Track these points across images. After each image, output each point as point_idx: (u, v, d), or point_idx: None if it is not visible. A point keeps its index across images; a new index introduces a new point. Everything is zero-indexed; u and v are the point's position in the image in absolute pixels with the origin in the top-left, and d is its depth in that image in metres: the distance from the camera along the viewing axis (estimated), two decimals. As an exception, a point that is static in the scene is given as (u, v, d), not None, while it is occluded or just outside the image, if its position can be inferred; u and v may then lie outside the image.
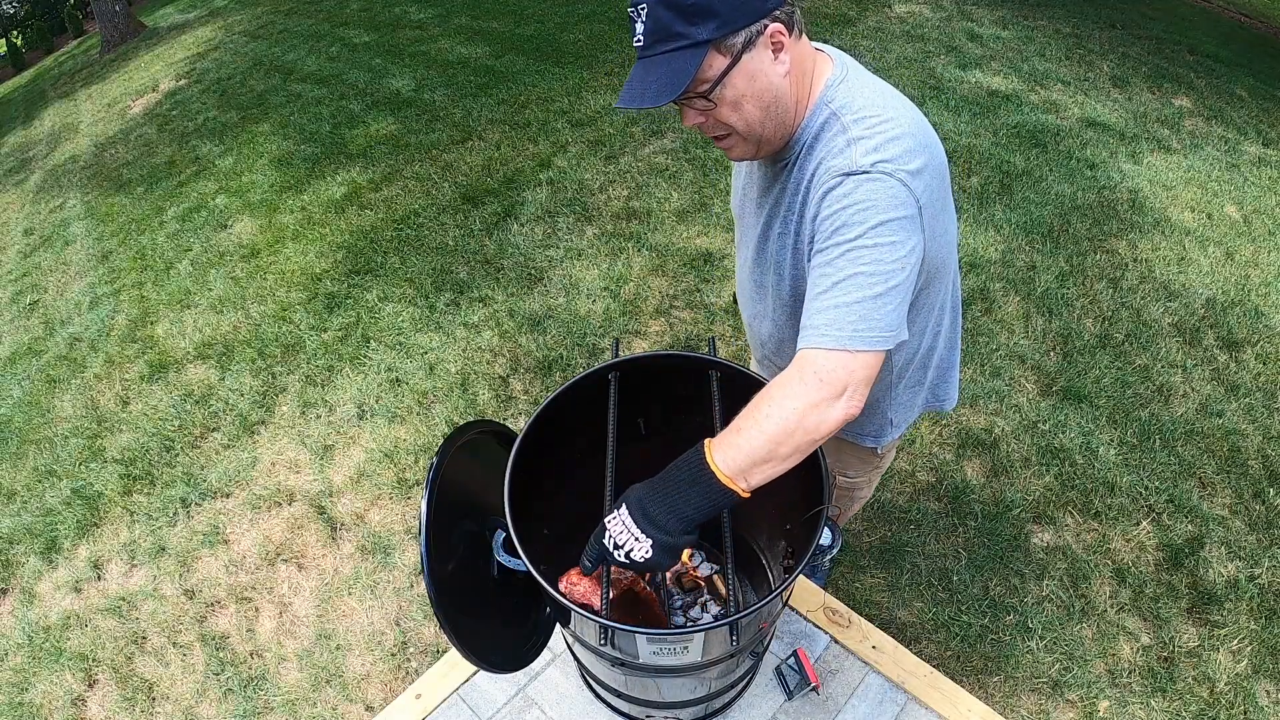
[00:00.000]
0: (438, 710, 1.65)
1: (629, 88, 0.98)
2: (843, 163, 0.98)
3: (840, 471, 1.61)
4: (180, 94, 6.92)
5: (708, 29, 0.93)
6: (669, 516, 0.96)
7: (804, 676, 1.60)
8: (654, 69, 0.96)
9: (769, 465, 0.93)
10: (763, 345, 1.39)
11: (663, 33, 0.94)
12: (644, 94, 0.96)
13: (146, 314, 3.85)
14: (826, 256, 0.97)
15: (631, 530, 0.98)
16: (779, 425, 0.92)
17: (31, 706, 2.30)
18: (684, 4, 0.92)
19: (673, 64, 0.95)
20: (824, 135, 1.03)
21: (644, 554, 0.97)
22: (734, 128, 1.03)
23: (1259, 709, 1.99)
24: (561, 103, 4.95)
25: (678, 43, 0.94)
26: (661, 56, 0.96)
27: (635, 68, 0.99)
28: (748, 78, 0.98)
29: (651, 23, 0.95)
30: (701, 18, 0.93)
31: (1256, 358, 2.97)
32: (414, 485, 2.66)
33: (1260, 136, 4.66)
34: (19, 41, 16.39)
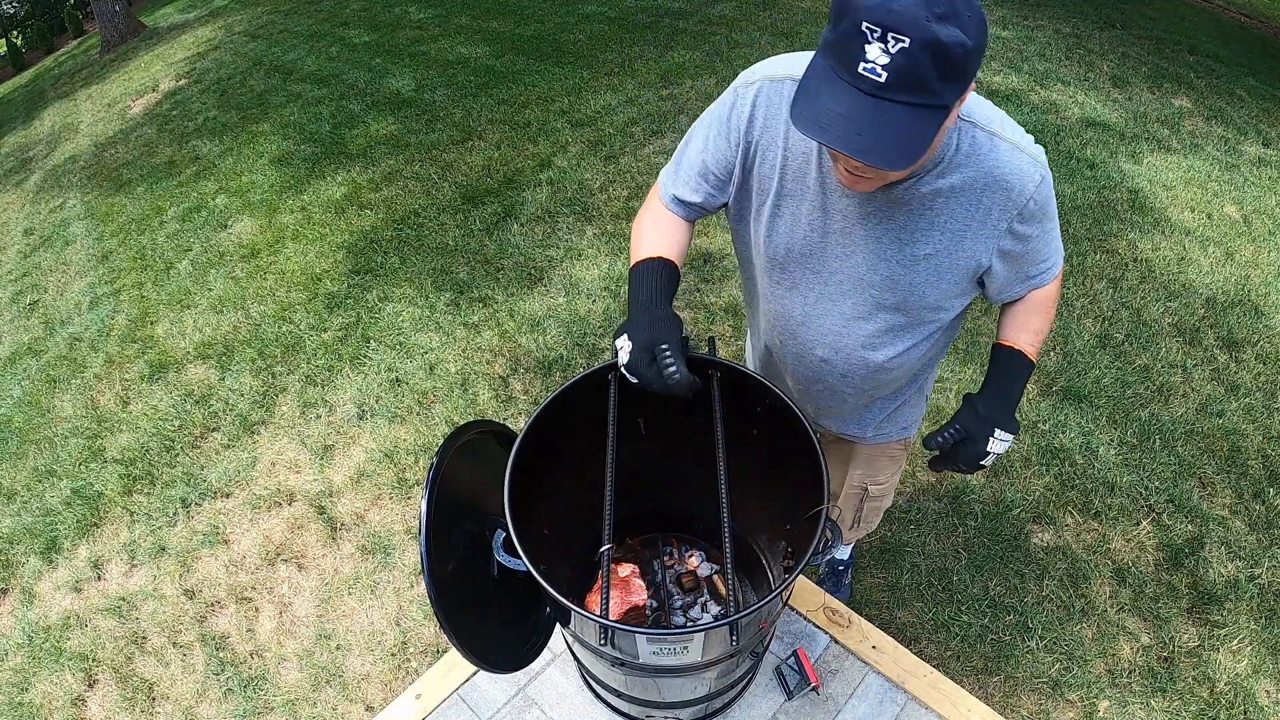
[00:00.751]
0: (438, 710, 1.65)
1: (848, 129, 0.83)
2: (1036, 169, 1.04)
3: (872, 480, 1.62)
4: (180, 94, 6.92)
5: (953, 92, 0.84)
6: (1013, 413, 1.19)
7: (804, 676, 1.60)
8: (889, 121, 0.83)
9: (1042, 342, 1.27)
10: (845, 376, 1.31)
11: (915, 82, 0.81)
12: (876, 151, 0.83)
13: (146, 314, 3.85)
14: (1044, 227, 1.11)
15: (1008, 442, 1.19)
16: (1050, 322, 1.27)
17: (31, 706, 2.30)
18: (953, 59, 0.80)
19: (913, 123, 0.83)
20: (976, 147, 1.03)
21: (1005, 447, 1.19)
22: (888, 176, 0.99)
23: (1259, 709, 1.99)
24: (561, 103, 4.95)
25: (925, 99, 0.82)
26: (901, 107, 0.82)
27: (853, 102, 0.83)
28: (941, 137, 0.94)
29: (907, 64, 0.80)
30: (956, 79, 0.82)
31: (1256, 358, 2.97)
32: (414, 485, 2.66)
33: (1260, 136, 4.66)
34: (19, 41, 16.39)
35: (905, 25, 0.78)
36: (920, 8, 0.78)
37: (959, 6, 0.79)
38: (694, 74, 5.08)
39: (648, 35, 5.85)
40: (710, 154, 1.18)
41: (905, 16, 0.77)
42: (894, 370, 1.29)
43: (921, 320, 1.20)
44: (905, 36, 0.78)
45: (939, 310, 1.19)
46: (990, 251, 1.10)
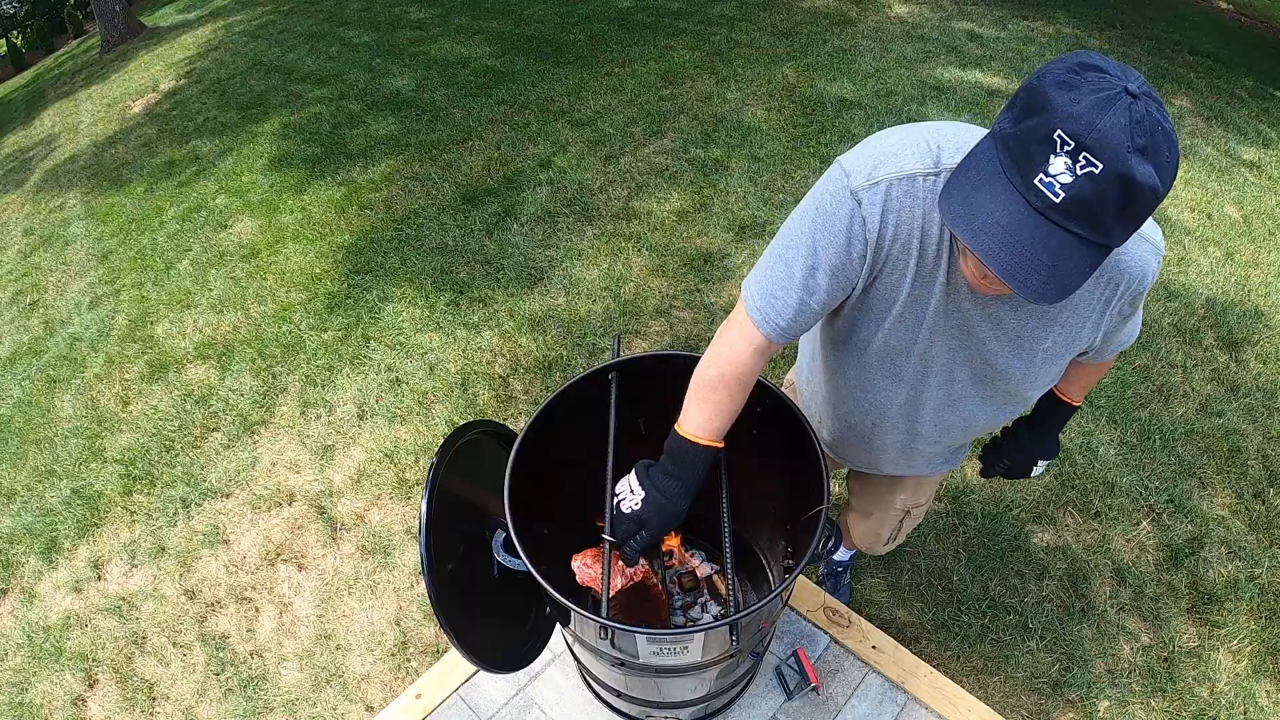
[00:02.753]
0: (438, 710, 1.65)
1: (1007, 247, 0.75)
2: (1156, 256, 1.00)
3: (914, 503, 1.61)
4: (180, 94, 6.92)
5: (1124, 236, 0.76)
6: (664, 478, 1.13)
7: (804, 676, 1.60)
8: (1052, 249, 0.74)
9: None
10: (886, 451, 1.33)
11: (1093, 216, 0.72)
12: (1031, 279, 0.75)
13: (146, 314, 3.85)
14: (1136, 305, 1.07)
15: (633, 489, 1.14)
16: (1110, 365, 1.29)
17: (31, 706, 2.30)
18: (1140, 201, 0.71)
19: (1075, 257, 0.74)
20: None
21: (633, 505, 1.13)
22: None
23: (1259, 709, 1.99)
24: (561, 103, 4.95)
25: (1096, 236, 0.74)
26: (1066, 235, 0.74)
27: (1021, 216, 0.74)
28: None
29: (1091, 192, 0.71)
30: (1133, 222, 0.74)
31: (1256, 358, 2.97)
32: (414, 485, 2.66)
33: (1260, 137, 4.66)
34: (19, 41, 16.38)
35: (1104, 149, 0.68)
36: (1123, 134, 0.68)
37: (1160, 143, 0.70)
38: (694, 74, 5.08)
39: (648, 35, 5.85)
40: (824, 271, 0.99)
41: (1107, 139, 0.68)
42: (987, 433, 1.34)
43: (1029, 399, 1.21)
44: (1099, 162, 0.69)
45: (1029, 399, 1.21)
46: (1099, 334, 1.08)
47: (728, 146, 4.20)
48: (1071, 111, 0.69)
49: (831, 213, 0.95)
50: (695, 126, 4.44)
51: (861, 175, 0.93)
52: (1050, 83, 0.72)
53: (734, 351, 1.06)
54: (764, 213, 3.64)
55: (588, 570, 1.22)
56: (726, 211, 3.72)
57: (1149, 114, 0.69)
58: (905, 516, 1.64)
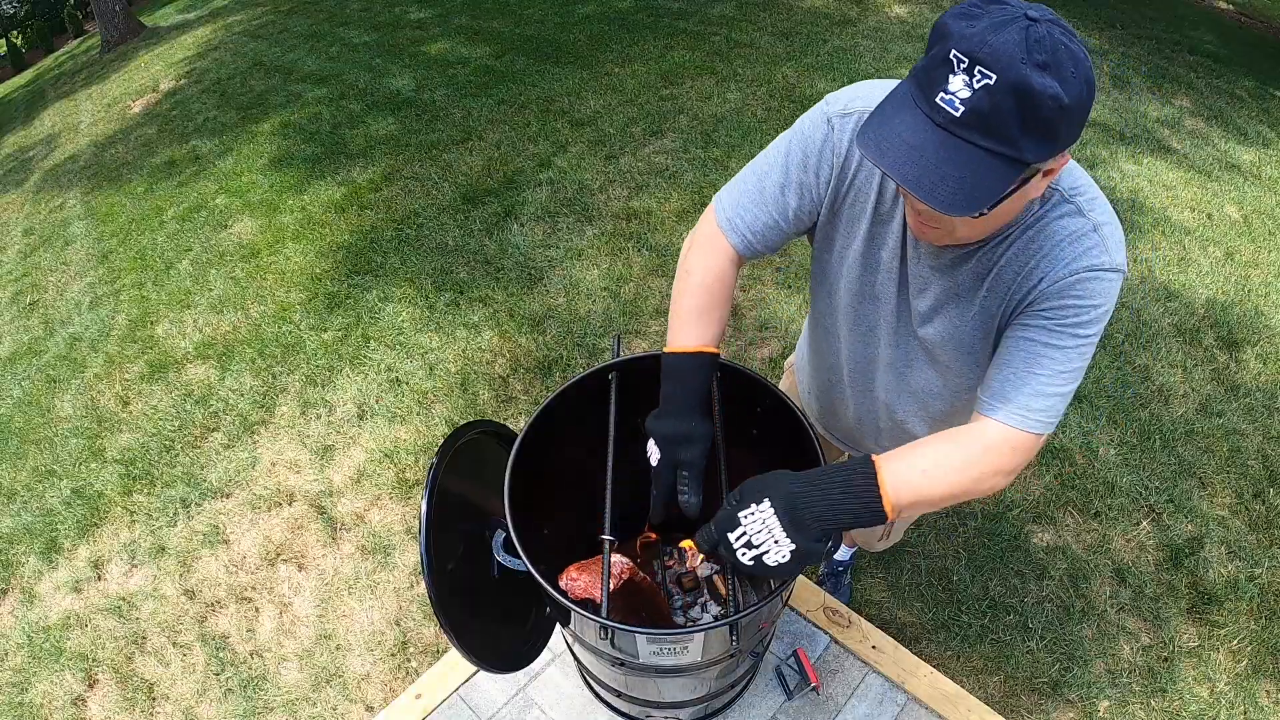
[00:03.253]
0: (438, 710, 1.65)
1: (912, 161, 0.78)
2: (1100, 256, 0.91)
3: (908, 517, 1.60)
4: (180, 94, 6.92)
5: (1038, 151, 0.77)
6: (815, 522, 0.91)
7: (804, 676, 1.60)
8: (956, 161, 0.77)
9: (928, 507, 0.96)
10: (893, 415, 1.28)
11: (994, 126, 0.75)
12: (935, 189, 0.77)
13: (146, 314, 3.85)
14: (1059, 341, 0.92)
15: (773, 531, 0.91)
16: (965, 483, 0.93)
17: (31, 706, 2.30)
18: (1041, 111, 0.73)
19: (982, 169, 0.76)
20: (1054, 215, 0.93)
21: (779, 559, 0.91)
22: (956, 230, 0.92)
23: (1259, 709, 1.99)
24: (561, 103, 4.95)
25: (998, 145, 0.75)
26: (971, 149, 0.76)
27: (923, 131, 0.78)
28: (1018, 200, 0.86)
29: (988, 103, 0.73)
30: (1042, 135, 0.75)
31: (1256, 358, 2.97)
32: (414, 485, 2.66)
33: (1260, 137, 4.66)
34: (19, 41, 16.39)
35: (997, 62, 0.72)
36: (1019, 49, 0.71)
37: (1063, 59, 0.72)
38: (694, 74, 5.08)
39: (648, 35, 5.85)
40: (793, 189, 1.05)
41: (1000, 53, 0.71)
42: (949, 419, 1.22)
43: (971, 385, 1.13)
44: (993, 74, 0.72)
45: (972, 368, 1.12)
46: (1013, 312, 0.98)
47: (728, 146, 4.20)
48: (967, 33, 0.73)
49: (807, 135, 1.03)
50: (695, 126, 4.45)
51: (839, 105, 1.01)
52: (952, 14, 0.77)
53: (709, 260, 1.09)
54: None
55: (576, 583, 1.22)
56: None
57: (1050, 35, 0.72)
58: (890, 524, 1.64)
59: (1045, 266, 0.94)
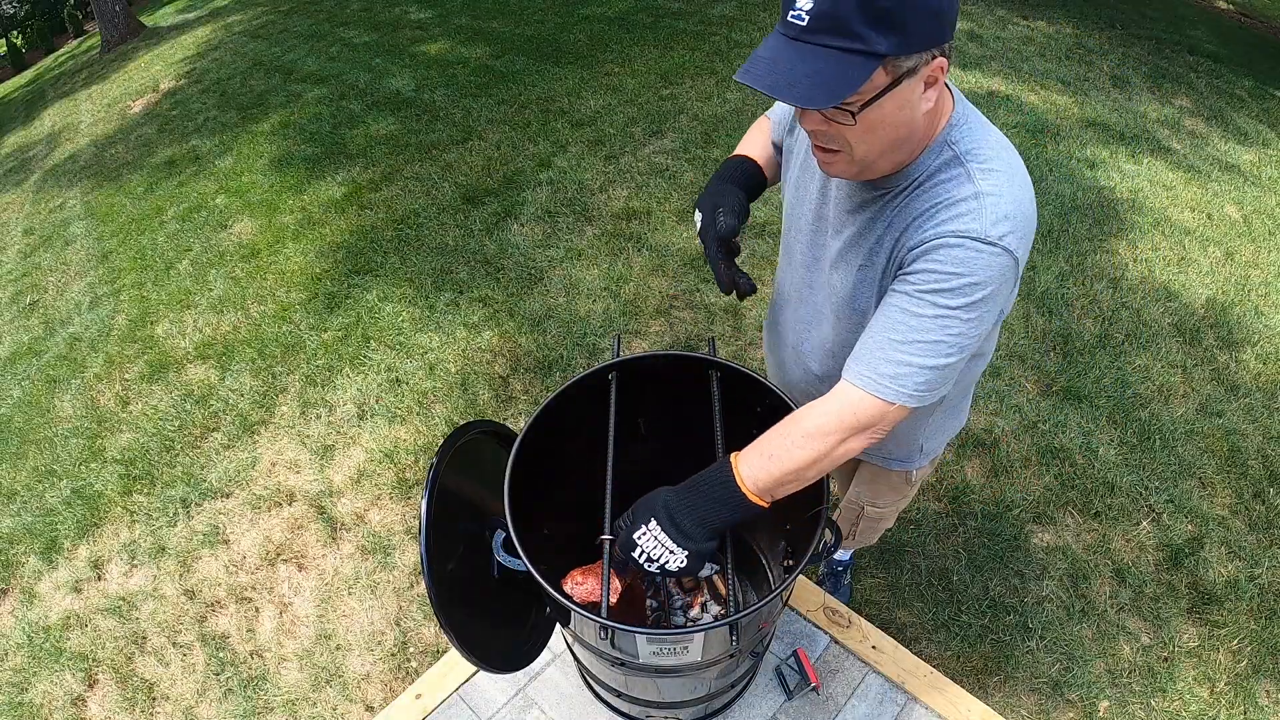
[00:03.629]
0: (438, 710, 1.65)
1: (770, 70, 0.85)
2: (972, 222, 0.91)
3: (870, 501, 1.60)
4: (180, 94, 6.92)
5: (887, 43, 0.81)
6: (698, 527, 1.03)
7: (804, 676, 1.60)
8: (810, 59, 0.83)
9: (794, 485, 1.01)
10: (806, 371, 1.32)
11: (839, 25, 0.81)
12: (793, 87, 0.83)
13: (146, 314, 3.85)
14: (917, 308, 0.93)
15: (665, 544, 1.04)
16: (811, 456, 0.98)
17: (31, 706, 2.30)
18: (878, 2, 0.79)
19: (838, 64, 0.82)
20: (943, 176, 0.96)
21: (679, 564, 1.05)
22: (854, 148, 0.93)
23: (1259, 709, 1.99)
24: (561, 103, 4.95)
25: (848, 42, 0.81)
26: (824, 51, 0.82)
27: (780, 45, 0.86)
28: (896, 106, 0.88)
29: (828, 6, 0.80)
30: (886, 27, 0.80)
31: (1256, 358, 2.97)
32: (414, 485, 2.66)
33: (1260, 137, 4.66)
34: (19, 41, 16.38)
35: None
36: None
37: None
38: (694, 74, 5.08)
39: (648, 35, 5.85)
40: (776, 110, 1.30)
41: None
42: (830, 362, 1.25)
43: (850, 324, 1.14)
44: None
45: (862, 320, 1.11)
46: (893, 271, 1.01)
47: (728, 147, 4.19)
48: None
49: None
50: (695, 126, 4.45)
51: None
52: None
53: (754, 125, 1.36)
54: (763, 212, 3.64)
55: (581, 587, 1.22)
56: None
57: None
58: (861, 514, 1.63)
59: (916, 228, 0.96)
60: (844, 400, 0.97)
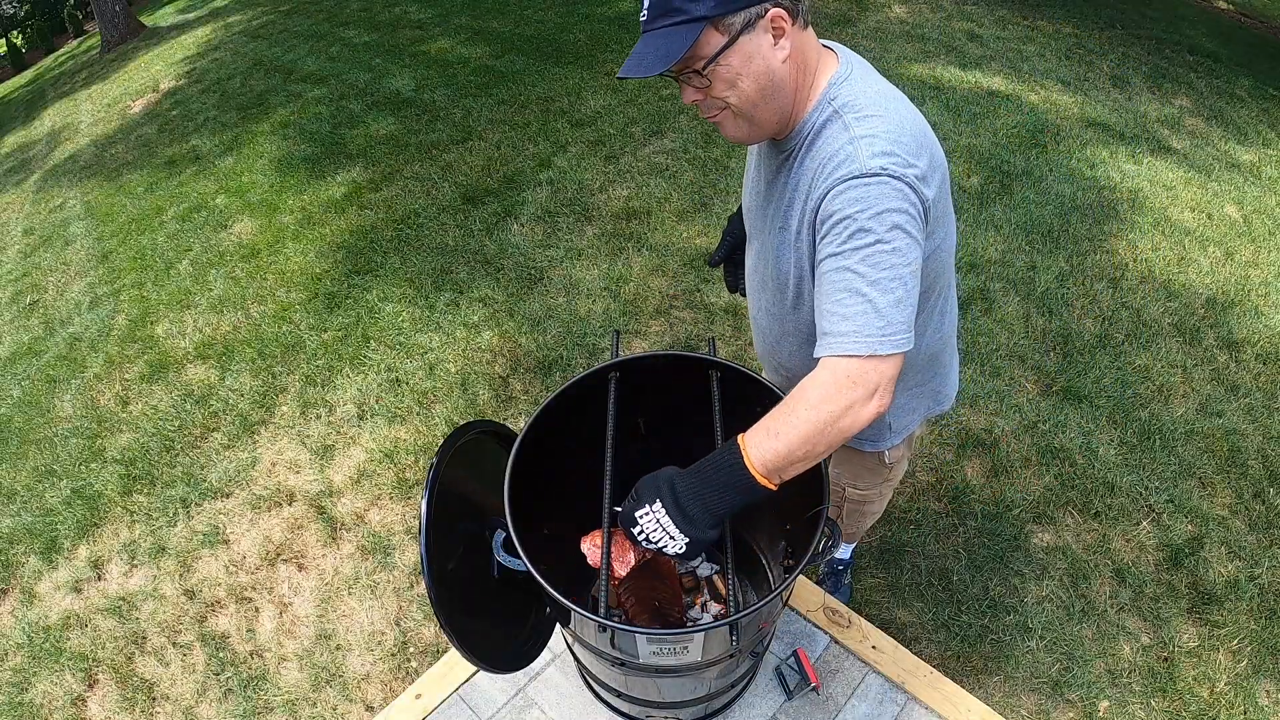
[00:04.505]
0: (438, 710, 1.65)
1: (631, 59, 1.01)
2: (850, 165, 0.97)
3: (850, 484, 1.60)
4: (180, 94, 6.92)
5: (705, 6, 0.95)
6: (703, 513, 1.01)
7: (804, 676, 1.60)
8: (653, 42, 0.99)
9: (802, 463, 0.99)
10: (764, 336, 1.40)
11: (664, 7, 0.97)
12: (640, 64, 0.99)
13: (146, 314, 3.85)
14: (844, 261, 0.96)
15: (666, 528, 1.02)
16: (814, 427, 0.95)
17: (31, 706, 2.30)
18: None
19: (670, 38, 0.97)
20: (826, 133, 1.03)
21: (676, 550, 1.03)
22: (728, 102, 1.03)
23: (1259, 709, 1.99)
24: (561, 103, 4.95)
25: (676, 18, 0.96)
26: (661, 30, 0.98)
27: (639, 41, 1.02)
28: (744, 57, 0.98)
29: None
30: None
31: (1256, 358, 2.97)
32: (414, 485, 2.66)
33: (1260, 137, 4.66)
34: (19, 41, 16.39)
35: None
36: None
37: None
38: (694, 74, 5.08)
39: (648, 35, 5.85)
40: None
41: None
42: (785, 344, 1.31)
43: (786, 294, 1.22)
44: None
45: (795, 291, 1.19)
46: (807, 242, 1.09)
47: (728, 146, 4.20)
48: None
49: None
50: (695, 126, 4.45)
51: None
52: None
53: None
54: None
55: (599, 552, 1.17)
56: (726, 211, 3.72)
57: None
58: (844, 498, 1.63)
59: (812, 190, 1.04)
60: (833, 369, 0.97)
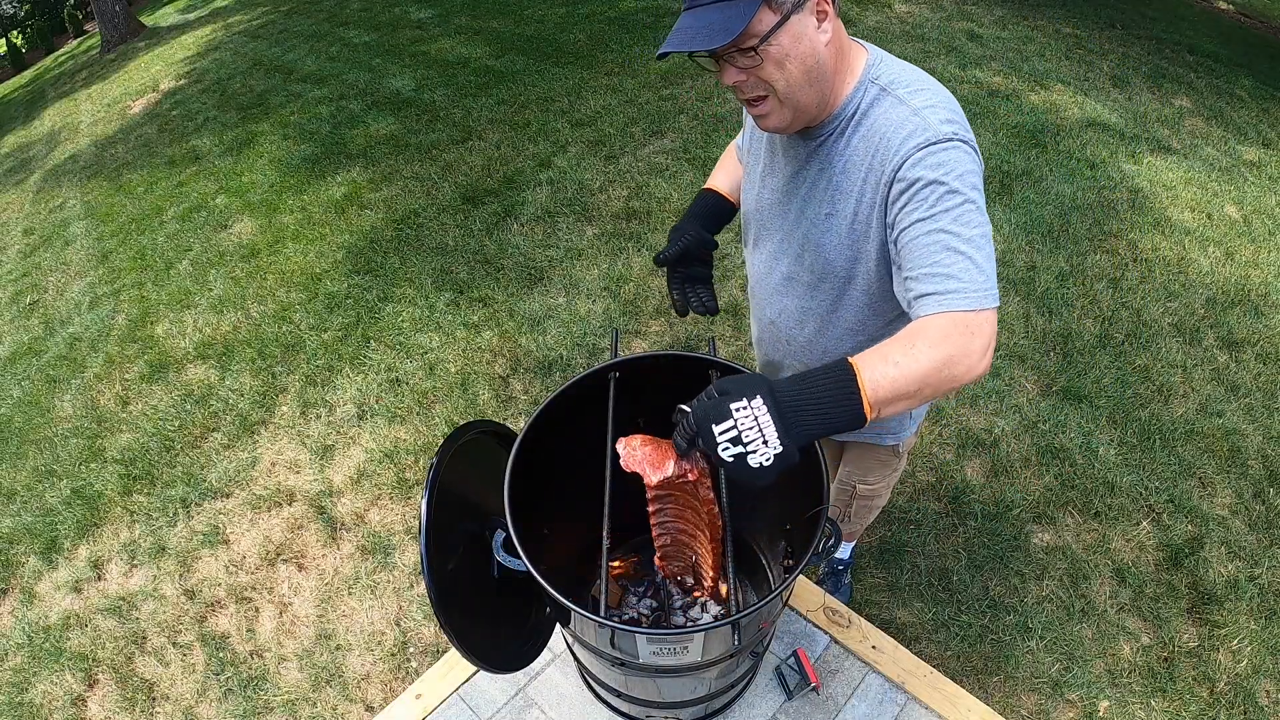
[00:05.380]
0: (438, 710, 1.65)
1: (676, 35, 0.98)
2: (924, 133, 0.98)
3: (861, 479, 1.61)
4: (180, 94, 6.92)
5: None
6: (799, 427, 0.86)
7: (804, 676, 1.60)
8: (704, 17, 0.96)
9: (906, 402, 0.89)
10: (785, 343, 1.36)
11: None
12: (694, 38, 0.95)
13: (146, 314, 3.85)
14: (937, 224, 0.95)
15: (764, 428, 0.85)
16: (933, 365, 0.88)
17: (31, 706, 2.30)
18: None
19: (725, 12, 0.95)
20: (877, 110, 1.04)
21: (765, 459, 0.85)
22: (774, 86, 1.02)
23: (1259, 709, 1.99)
24: (561, 103, 4.95)
25: None
26: (713, 6, 0.96)
27: (683, 18, 0.99)
28: (794, 38, 0.98)
29: None
30: None
31: (1256, 358, 2.97)
32: (414, 485, 2.66)
33: (1260, 137, 4.66)
34: (19, 41, 16.39)
35: None
36: None
37: None
38: (694, 74, 5.08)
39: (648, 35, 5.85)
40: None
41: None
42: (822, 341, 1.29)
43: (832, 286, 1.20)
44: None
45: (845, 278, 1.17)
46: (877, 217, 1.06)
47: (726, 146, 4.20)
48: None
49: None
50: (695, 126, 4.45)
51: None
52: None
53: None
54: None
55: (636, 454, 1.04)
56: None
57: None
58: (853, 494, 1.65)
59: (881, 163, 1.03)
60: (951, 318, 0.91)
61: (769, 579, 1.57)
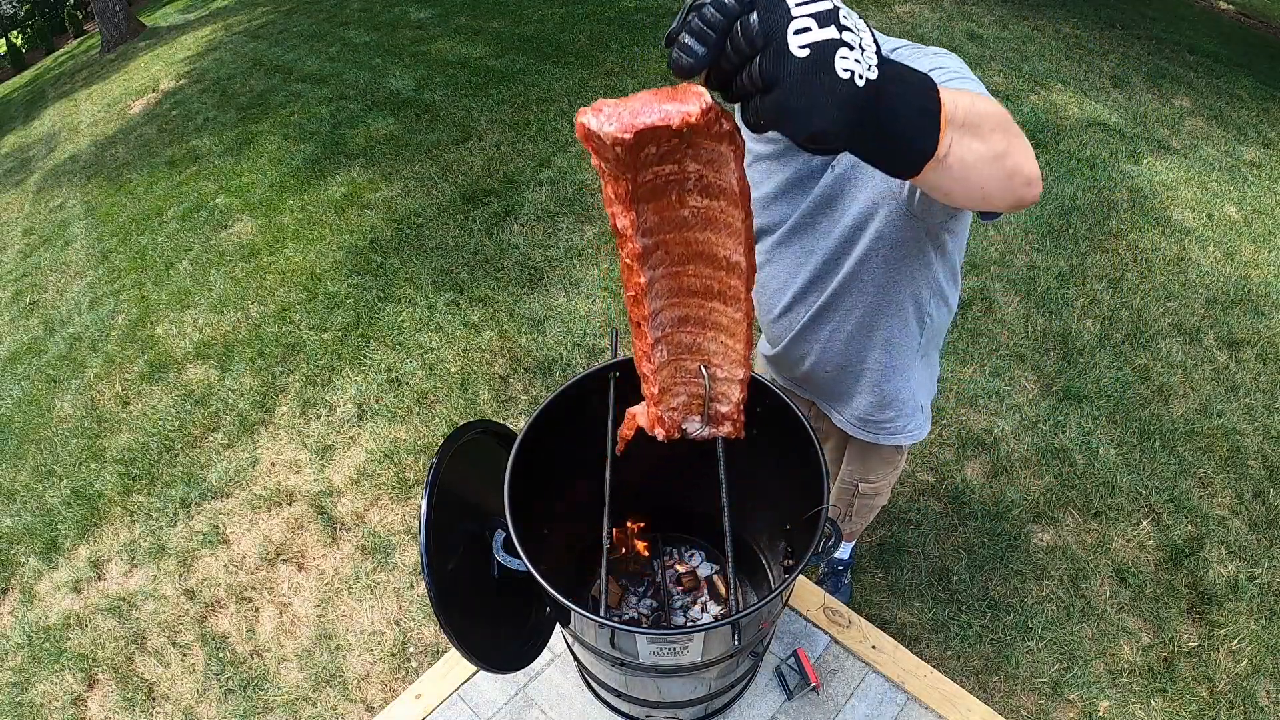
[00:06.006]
0: (438, 710, 1.65)
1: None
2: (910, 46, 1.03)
3: (863, 478, 1.62)
4: (180, 94, 6.92)
5: None
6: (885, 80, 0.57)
7: (804, 676, 1.60)
8: None
9: (971, 140, 0.66)
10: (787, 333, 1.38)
11: None
12: None
13: (146, 314, 3.85)
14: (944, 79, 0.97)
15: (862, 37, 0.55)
16: (1003, 118, 0.71)
17: (31, 706, 2.30)
18: None
19: None
20: None
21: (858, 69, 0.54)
22: None
23: (1259, 709, 1.99)
24: (561, 103, 4.95)
25: None
26: None
27: None
28: None
29: None
30: None
31: (1256, 358, 2.97)
32: (414, 485, 2.66)
33: (1260, 137, 4.66)
34: (19, 41, 16.39)
35: None
36: None
37: None
38: (694, 74, 5.08)
39: (648, 35, 5.85)
40: None
41: None
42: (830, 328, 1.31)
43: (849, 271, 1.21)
44: None
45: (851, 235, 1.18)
46: None
47: (728, 146, 4.20)
48: None
49: None
50: (695, 126, 4.44)
51: None
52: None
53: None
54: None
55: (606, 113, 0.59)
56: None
57: None
58: (855, 493, 1.67)
59: None
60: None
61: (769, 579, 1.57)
